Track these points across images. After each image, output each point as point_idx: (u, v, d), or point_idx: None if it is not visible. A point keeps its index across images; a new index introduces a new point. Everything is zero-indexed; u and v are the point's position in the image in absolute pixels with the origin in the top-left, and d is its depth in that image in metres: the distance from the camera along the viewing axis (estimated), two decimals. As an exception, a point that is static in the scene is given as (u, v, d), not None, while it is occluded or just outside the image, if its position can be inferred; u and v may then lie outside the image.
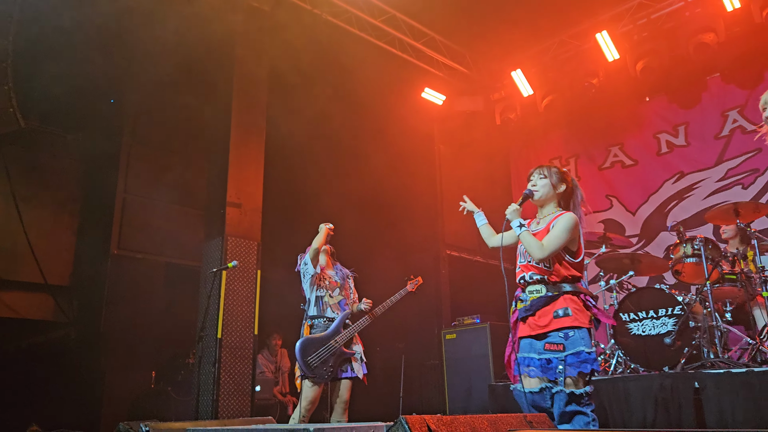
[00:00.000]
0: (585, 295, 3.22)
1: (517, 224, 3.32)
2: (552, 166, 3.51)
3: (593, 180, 8.02)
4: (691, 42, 6.66)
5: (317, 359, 4.36)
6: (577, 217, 3.31)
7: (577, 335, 3.08)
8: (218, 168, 6.22)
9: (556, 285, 3.21)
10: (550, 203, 3.42)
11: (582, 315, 3.14)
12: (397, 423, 1.97)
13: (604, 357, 5.76)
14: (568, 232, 3.19)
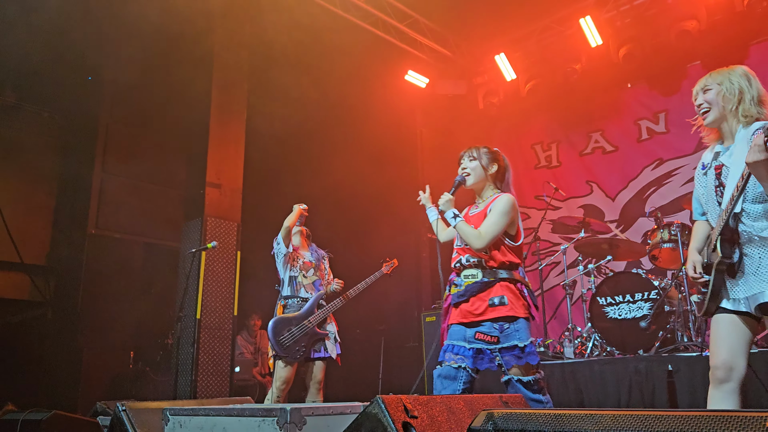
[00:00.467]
0: (521, 284, 3.12)
1: (451, 215, 3.18)
2: (481, 147, 3.38)
3: (574, 165, 8.06)
4: (673, 29, 6.68)
5: (290, 338, 4.37)
6: (514, 199, 3.19)
7: (512, 328, 3.02)
8: (198, 148, 6.16)
9: (493, 270, 3.09)
10: (485, 186, 3.31)
11: (518, 304, 3.05)
12: (374, 403, 1.98)
13: (581, 340, 5.84)
14: (506, 215, 3.08)
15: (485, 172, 3.28)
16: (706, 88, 2.61)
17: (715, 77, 2.61)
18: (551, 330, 7.47)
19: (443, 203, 3.24)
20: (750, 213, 2.39)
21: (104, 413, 4.13)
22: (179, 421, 2.87)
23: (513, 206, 3.12)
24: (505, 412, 1.62)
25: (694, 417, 1.22)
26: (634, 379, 4.68)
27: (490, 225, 3.07)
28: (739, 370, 2.39)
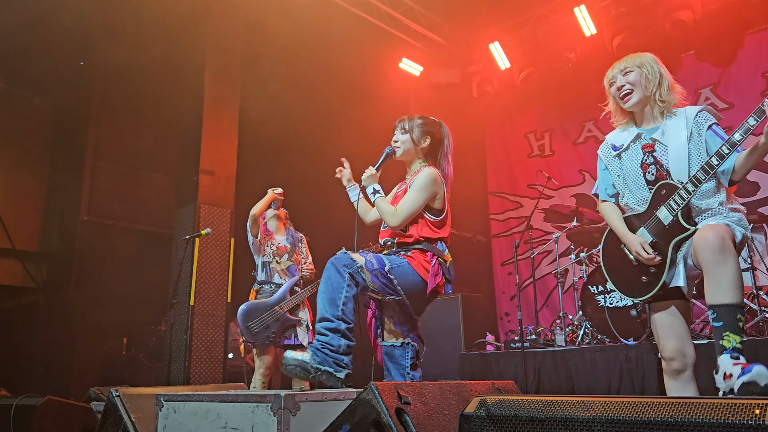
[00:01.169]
0: (432, 254, 2.99)
1: (371, 191, 3.08)
2: (416, 117, 3.23)
3: (567, 155, 8.08)
4: (668, 18, 6.68)
5: (259, 324, 4.34)
6: (439, 172, 3.07)
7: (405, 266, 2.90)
8: (191, 135, 6.14)
9: (409, 245, 3.00)
10: (414, 160, 3.19)
11: (416, 263, 2.93)
12: (367, 389, 1.99)
13: (572, 328, 5.89)
14: (425, 190, 2.98)
15: (415, 146, 3.15)
16: (627, 70, 2.61)
17: (635, 60, 2.61)
18: (543, 318, 7.53)
19: (365, 178, 3.12)
20: (701, 189, 2.39)
21: (98, 399, 4.14)
22: (173, 406, 2.89)
23: (434, 180, 3.01)
24: (498, 398, 1.64)
25: (685, 404, 1.24)
26: (624, 366, 4.73)
27: (406, 201, 2.97)
28: (691, 356, 2.46)
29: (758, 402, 1.12)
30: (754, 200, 6.45)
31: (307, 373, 2.70)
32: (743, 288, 2.18)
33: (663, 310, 2.52)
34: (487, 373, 5.67)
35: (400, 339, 3.13)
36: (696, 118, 2.49)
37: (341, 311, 2.77)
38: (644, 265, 2.50)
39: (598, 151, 2.81)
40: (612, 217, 2.71)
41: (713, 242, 2.15)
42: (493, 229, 8.74)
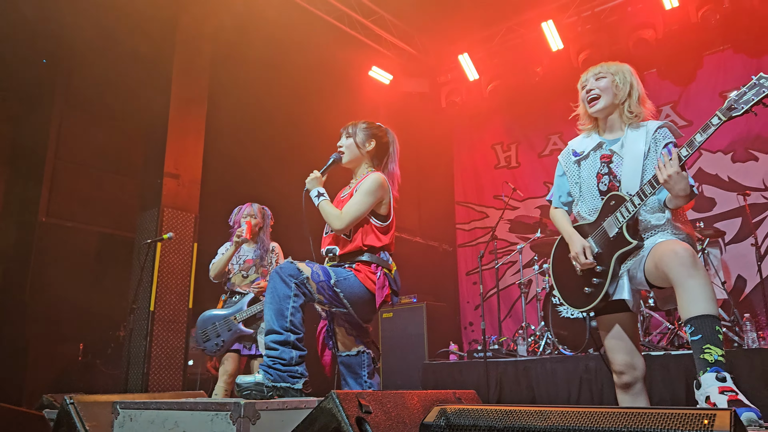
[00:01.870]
0: (377, 266, 2.97)
1: (315, 194, 3.04)
2: (361, 122, 3.20)
3: (533, 166, 8.21)
4: (632, 37, 6.86)
5: (212, 332, 4.31)
6: (385, 177, 3.05)
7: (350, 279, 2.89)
8: (156, 137, 6.04)
9: (353, 255, 2.99)
10: (360, 164, 3.16)
11: (363, 276, 2.93)
12: (328, 397, 1.98)
13: (534, 338, 5.96)
14: (372, 195, 2.96)
15: (359, 150, 3.13)
16: (599, 75, 2.62)
17: (611, 67, 2.63)
18: (506, 328, 7.61)
19: (309, 181, 3.09)
20: (648, 204, 2.42)
21: (51, 406, 4.01)
22: (129, 414, 2.82)
23: (380, 185, 2.99)
24: (457, 407, 1.65)
25: (638, 413, 1.26)
26: (584, 377, 4.81)
27: (352, 205, 2.95)
28: (641, 369, 2.48)
29: (706, 413, 1.15)
30: (710, 215, 6.64)
31: (263, 394, 2.67)
32: (716, 300, 2.17)
33: (610, 325, 2.53)
34: (450, 382, 5.69)
35: (354, 348, 3.12)
36: (655, 133, 2.50)
37: (289, 322, 2.74)
38: (588, 276, 2.51)
39: (559, 157, 2.80)
40: (561, 221, 2.73)
41: (684, 255, 2.13)
42: (459, 238, 8.81)
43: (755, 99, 2.15)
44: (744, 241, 6.33)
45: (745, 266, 6.28)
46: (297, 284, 2.78)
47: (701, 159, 6.83)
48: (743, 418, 1.75)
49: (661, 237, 2.37)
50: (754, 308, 6.05)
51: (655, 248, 2.30)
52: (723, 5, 6.40)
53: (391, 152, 3.23)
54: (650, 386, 4.36)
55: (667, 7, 6.57)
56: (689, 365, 4.21)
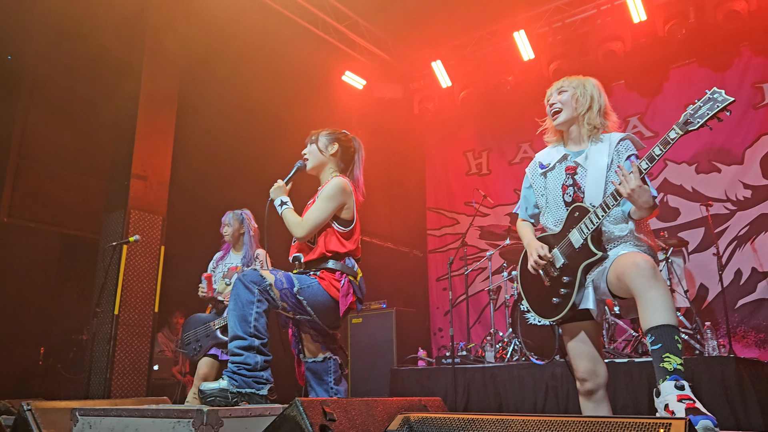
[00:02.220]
0: (342, 273, 2.98)
1: (278, 203, 3.05)
2: (324, 130, 3.21)
3: (503, 174, 8.28)
4: (601, 49, 6.98)
5: (192, 336, 4.36)
6: (347, 182, 3.06)
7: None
8: (124, 138, 5.94)
9: (317, 262, 2.99)
10: (325, 170, 3.17)
11: (327, 283, 2.94)
12: (292, 405, 1.96)
13: (502, 345, 6.00)
14: (332, 200, 2.96)
15: (322, 154, 3.14)
16: (562, 89, 2.69)
17: (572, 81, 2.70)
18: (475, 334, 7.65)
19: (273, 190, 3.10)
20: (611, 215, 2.47)
21: (8, 412, 3.90)
22: (89, 421, 2.76)
23: (342, 190, 2.99)
24: (421, 416, 1.65)
25: (597, 422, 1.28)
26: (550, 383, 4.86)
27: (312, 212, 2.96)
28: (603, 377, 2.53)
29: (662, 422, 1.16)
30: (674, 225, 6.78)
31: (228, 400, 2.64)
32: (675, 310, 2.22)
33: (575, 333, 2.58)
34: (417, 388, 5.70)
35: (320, 354, 3.11)
36: (617, 146, 2.56)
37: (253, 327, 2.73)
38: (555, 287, 2.55)
39: (526, 169, 2.86)
40: (525, 231, 2.79)
41: (645, 267, 2.17)
42: (430, 244, 8.84)
43: (710, 114, 2.21)
44: (706, 250, 6.48)
45: (708, 275, 6.42)
46: (260, 290, 2.77)
47: (666, 170, 6.98)
48: (699, 426, 1.79)
49: (623, 249, 2.42)
50: (715, 316, 6.19)
51: (617, 260, 2.34)
52: (689, 20, 6.55)
53: (356, 159, 3.23)
54: (614, 393, 4.42)
55: (635, 21, 6.71)
56: (652, 372, 4.27)
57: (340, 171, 3.20)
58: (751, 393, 4.04)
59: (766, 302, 6.14)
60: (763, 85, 6.59)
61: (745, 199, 6.48)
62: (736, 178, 6.57)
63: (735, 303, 6.23)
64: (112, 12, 5.91)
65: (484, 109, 8.23)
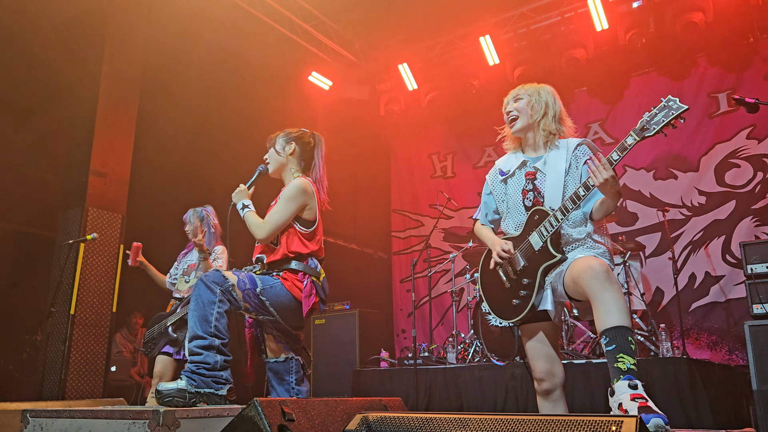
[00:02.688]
0: (304, 274, 3.00)
1: (241, 206, 3.08)
2: (280, 132, 3.24)
3: (467, 177, 8.36)
4: (564, 55, 7.11)
5: (149, 334, 4.35)
6: (309, 182, 3.08)
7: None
8: (82, 133, 5.79)
9: (280, 263, 3.00)
10: (286, 171, 3.20)
11: (289, 284, 2.96)
12: (251, 405, 1.95)
13: (464, 346, 6.05)
14: (293, 201, 2.99)
15: (281, 156, 3.17)
16: (517, 97, 2.76)
17: (528, 89, 2.77)
18: (438, 336, 7.70)
19: (235, 194, 3.12)
20: (570, 218, 2.53)
21: (-45, 415, 3.77)
22: (40, 423, 2.68)
23: (303, 190, 3.02)
24: (379, 415, 1.65)
25: (551, 421, 1.30)
26: (510, 384, 4.92)
27: (274, 213, 2.98)
28: (560, 377, 2.59)
29: (614, 419, 1.19)
30: (633, 230, 6.94)
31: (185, 401, 2.61)
32: (630, 312, 2.28)
33: (533, 333, 2.63)
34: (380, 389, 5.70)
35: (282, 355, 3.10)
36: (575, 151, 2.63)
37: (213, 327, 2.71)
38: (515, 289, 2.60)
39: (486, 176, 2.91)
40: (485, 232, 2.84)
41: (599, 271, 2.23)
42: (395, 246, 8.87)
43: (665, 121, 2.28)
44: (663, 255, 6.65)
45: (663, 279, 6.59)
46: (222, 291, 2.75)
47: (626, 176, 7.14)
48: (651, 423, 1.84)
49: (580, 252, 2.48)
50: (670, 319, 6.36)
51: (573, 264, 2.40)
52: (649, 30, 6.72)
53: (316, 155, 3.25)
54: (572, 393, 4.50)
55: (598, 29, 6.85)
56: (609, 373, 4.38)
57: (302, 170, 3.21)
58: (703, 393, 4.16)
59: (719, 305, 6.33)
60: (718, 95, 6.81)
61: (699, 205, 6.68)
62: (691, 184, 6.77)
63: (689, 306, 6.41)
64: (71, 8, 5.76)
65: (450, 112, 8.30)
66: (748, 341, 4.18)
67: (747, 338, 4.19)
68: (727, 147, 6.63)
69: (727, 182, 6.57)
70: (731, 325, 6.19)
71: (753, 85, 6.57)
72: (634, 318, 5.53)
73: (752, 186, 6.41)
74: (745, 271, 4.49)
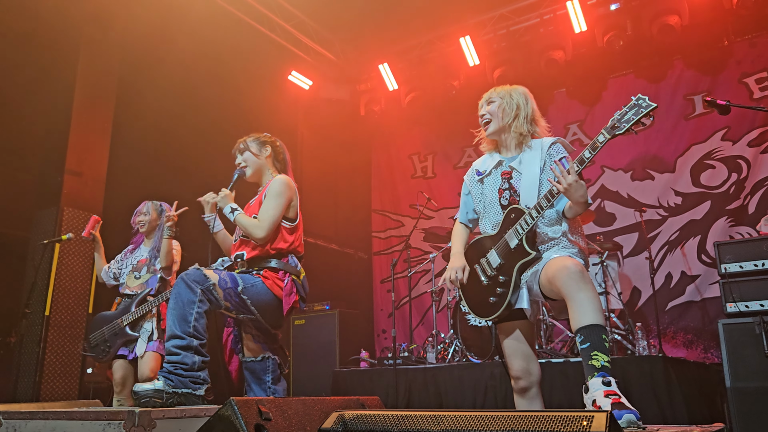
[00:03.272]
0: (285, 273, 3.02)
1: (229, 210, 3.09)
2: (248, 137, 3.28)
3: (448, 178, 8.39)
4: (543, 57, 7.17)
5: (99, 336, 4.13)
6: (290, 179, 3.13)
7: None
8: (58, 132, 5.71)
9: (260, 260, 3.03)
10: (263, 173, 3.24)
11: (270, 282, 2.97)
12: (227, 405, 1.94)
13: (444, 346, 6.07)
14: (282, 196, 3.03)
15: (258, 159, 3.21)
16: (490, 100, 2.80)
17: (499, 92, 2.81)
18: (418, 336, 7.71)
19: (220, 199, 3.12)
20: (545, 216, 2.56)
21: (-75, 418, 3.69)
22: (13, 425, 2.64)
23: (288, 186, 3.06)
24: (355, 413, 1.65)
25: (524, 416, 1.31)
26: (489, 383, 4.95)
27: (267, 210, 2.99)
28: (536, 375, 2.63)
29: (585, 414, 1.20)
30: (610, 230, 7.02)
31: (163, 401, 2.58)
32: (603, 312, 2.32)
33: (509, 332, 2.66)
34: (359, 389, 5.70)
35: (260, 354, 3.09)
36: (549, 149, 2.66)
37: (192, 327, 2.70)
38: (492, 286, 2.62)
39: (464, 177, 2.94)
40: (455, 237, 2.86)
41: (574, 271, 2.27)
42: (375, 246, 8.87)
43: (634, 119, 2.32)
44: (640, 254, 6.74)
45: (640, 278, 6.67)
46: (203, 290, 2.74)
47: (604, 176, 7.22)
48: (623, 419, 1.86)
49: (555, 252, 2.50)
50: (646, 318, 6.44)
51: (548, 264, 2.43)
52: (626, 32, 6.80)
53: (287, 160, 3.30)
54: (550, 392, 4.54)
55: (576, 31, 6.92)
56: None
57: (280, 171, 3.23)
58: (678, 390, 4.22)
59: (694, 305, 6.42)
60: (693, 97, 6.91)
61: (676, 205, 6.77)
62: (668, 185, 6.86)
63: (665, 305, 6.50)
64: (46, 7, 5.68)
65: (430, 112, 8.32)
66: (722, 339, 4.25)
67: (721, 336, 4.27)
68: (702, 148, 6.73)
69: (703, 183, 6.67)
70: (706, 323, 6.28)
71: (727, 87, 6.69)
72: (611, 317, 5.59)
73: (727, 187, 6.51)
74: (719, 271, 4.57)
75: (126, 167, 6.50)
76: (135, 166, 6.75)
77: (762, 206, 6.24)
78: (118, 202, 6.30)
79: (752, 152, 6.43)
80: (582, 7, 6.80)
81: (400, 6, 7.27)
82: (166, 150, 7.26)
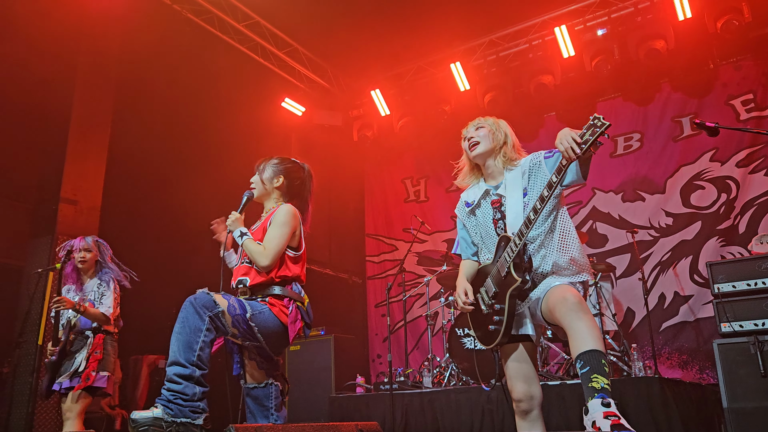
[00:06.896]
0: (290, 300, 3.00)
1: (238, 234, 3.07)
2: (273, 158, 3.26)
3: (440, 201, 8.44)
4: (532, 82, 7.28)
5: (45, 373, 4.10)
6: (295, 208, 3.11)
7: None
8: (53, 161, 5.73)
9: (263, 287, 3.01)
10: (268, 199, 3.22)
11: (277, 310, 2.96)
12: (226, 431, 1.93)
13: (440, 370, 6.05)
14: (287, 225, 3.01)
15: (265, 186, 3.19)
16: (479, 126, 2.88)
17: (488, 120, 2.91)
18: (413, 360, 7.69)
19: (230, 222, 3.11)
20: (530, 238, 2.60)
21: None
22: (9, 458, 2.62)
23: (293, 215, 3.06)
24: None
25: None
26: (486, 407, 4.93)
27: (272, 239, 2.97)
28: (538, 397, 2.65)
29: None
30: (603, 251, 7.06)
31: (162, 430, 2.56)
32: (602, 338, 2.36)
33: (512, 354, 2.69)
34: (356, 415, 5.65)
35: (263, 381, 3.08)
36: (529, 163, 2.71)
37: (197, 357, 2.67)
38: (491, 314, 2.65)
39: (456, 211, 2.98)
40: (461, 270, 2.93)
41: (572, 302, 2.34)
42: (369, 270, 8.87)
43: (591, 139, 2.36)
44: (632, 275, 6.77)
45: (634, 299, 6.71)
46: (211, 317, 2.71)
47: (595, 198, 7.29)
48: None
49: (556, 280, 2.54)
50: (641, 339, 6.46)
51: (549, 293, 2.49)
52: (614, 57, 6.93)
53: (305, 190, 3.28)
54: (547, 414, 4.52)
55: (565, 56, 7.04)
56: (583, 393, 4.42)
57: (287, 200, 3.22)
58: (675, 411, 4.22)
59: (688, 325, 6.45)
60: (681, 119, 7.02)
61: (667, 226, 6.83)
62: (658, 206, 6.93)
63: (659, 326, 6.52)
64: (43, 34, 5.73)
65: (422, 137, 8.39)
66: (718, 360, 4.27)
67: (716, 357, 4.28)
68: (691, 169, 6.82)
69: (693, 203, 6.74)
70: (701, 344, 6.30)
71: (714, 109, 6.80)
72: (606, 339, 5.60)
73: (716, 207, 6.59)
74: (713, 291, 4.60)
75: (121, 195, 6.51)
76: (130, 194, 6.76)
77: (752, 226, 6.31)
78: (114, 230, 6.30)
79: (741, 173, 6.52)
80: (570, 33, 6.94)
81: (392, 33, 7.38)
82: (161, 177, 7.28)
